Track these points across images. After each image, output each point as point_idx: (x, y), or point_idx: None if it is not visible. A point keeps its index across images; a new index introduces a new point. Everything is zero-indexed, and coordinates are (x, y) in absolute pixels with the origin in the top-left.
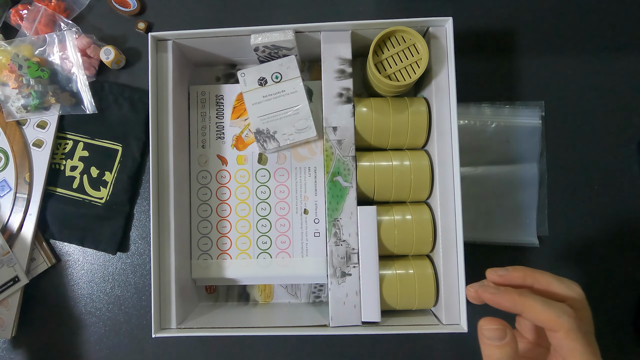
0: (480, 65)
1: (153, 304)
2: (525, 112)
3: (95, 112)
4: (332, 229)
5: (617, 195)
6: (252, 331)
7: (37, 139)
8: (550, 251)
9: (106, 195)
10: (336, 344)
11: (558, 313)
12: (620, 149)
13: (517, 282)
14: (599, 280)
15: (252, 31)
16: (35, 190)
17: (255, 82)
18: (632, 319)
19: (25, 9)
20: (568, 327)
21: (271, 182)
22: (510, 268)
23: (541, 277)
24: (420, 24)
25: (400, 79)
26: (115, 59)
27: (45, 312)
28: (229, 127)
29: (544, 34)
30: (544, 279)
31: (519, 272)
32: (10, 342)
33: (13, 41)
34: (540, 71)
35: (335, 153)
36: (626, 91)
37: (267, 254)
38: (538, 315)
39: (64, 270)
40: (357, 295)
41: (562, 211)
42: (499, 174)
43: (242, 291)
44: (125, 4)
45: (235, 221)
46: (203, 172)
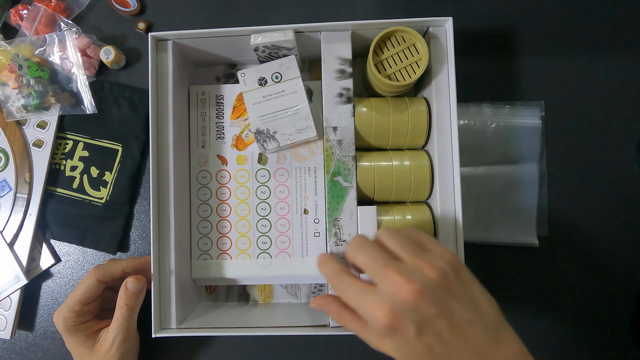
0: (480, 65)
1: (153, 304)
2: (525, 112)
3: (95, 112)
4: (332, 229)
5: (617, 195)
6: (252, 331)
7: (37, 139)
8: (550, 251)
9: (106, 195)
10: (336, 344)
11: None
12: (620, 149)
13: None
14: (598, 281)
15: (252, 31)
16: (35, 190)
17: (255, 82)
18: (631, 319)
19: (25, 9)
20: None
21: (271, 182)
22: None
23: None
24: (420, 24)
25: (400, 79)
26: (115, 59)
27: (45, 312)
28: (229, 127)
29: (544, 34)
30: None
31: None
32: (10, 342)
33: (13, 41)
34: (540, 71)
35: (335, 153)
36: (626, 91)
37: (267, 254)
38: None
39: (64, 270)
40: None
41: (562, 211)
42: (499, 174)
43: (242, 291)
44: (125, 4)
45: (235, 221)
46: (203, 172)
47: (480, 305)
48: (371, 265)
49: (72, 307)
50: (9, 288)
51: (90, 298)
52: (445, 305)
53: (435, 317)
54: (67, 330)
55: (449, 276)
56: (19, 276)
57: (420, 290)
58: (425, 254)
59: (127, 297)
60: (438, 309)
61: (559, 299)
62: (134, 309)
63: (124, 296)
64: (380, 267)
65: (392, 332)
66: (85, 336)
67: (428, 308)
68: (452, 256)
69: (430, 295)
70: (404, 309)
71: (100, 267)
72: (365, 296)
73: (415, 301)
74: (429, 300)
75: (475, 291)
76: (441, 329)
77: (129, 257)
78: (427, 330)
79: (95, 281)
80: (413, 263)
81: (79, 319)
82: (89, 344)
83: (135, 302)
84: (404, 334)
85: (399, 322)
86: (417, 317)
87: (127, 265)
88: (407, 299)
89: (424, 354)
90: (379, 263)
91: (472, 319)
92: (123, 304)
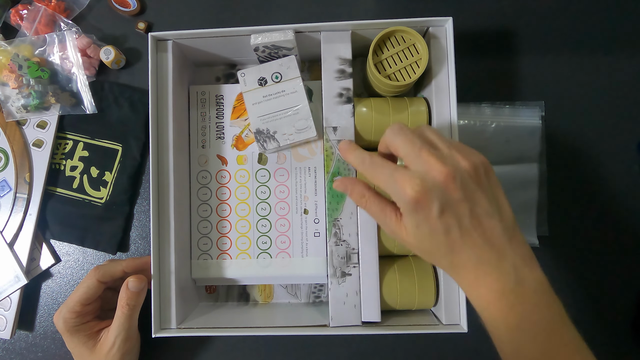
0: (480, 65)
1: (153, 304)
2: (525, 112)
3: (95, 112)
4: (332, 229)
5: (617, 195)
6: (252, 331)
7: (37, 139)
8: (550, 251)
9: (106, 195)
10: (336, 344)
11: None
12: (620, 149)
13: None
14: (598, 281)
15: (252, 31)
16: (35, 190)
17: (255, 82)
18: (631, 319)
19: (25, 9)
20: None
21: (271, 182)
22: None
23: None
24: (420, 24)
25: (400, 79)
26: (115, 59)
27: (45, 312)
28: (229, 127)
29: (544, 34)
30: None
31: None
32: (10, 342)
33: (13, 41)
34: (540, 71)
35: (335, 153)
36: (626, 91)
37: (267, 254)
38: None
39: (64, 270)
40: (357, 295)
41: (562, 211)
42: (499, 174)
43: (242, 291)
44: (125, 4)
45: (235, 221)
46: (203, 172)
47: (502, 205)
48: (408, 146)
49: (73, 308)
50: (9, 288)
51: (90, 299)
52: (472, 194)
53: (460, 201)
54: (67, 330)
55: (480, 171)
56: (19, 276)
57: (451, 174)
58: (461, 147)
59: (128, 297)
60: (464, 194)
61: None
62: (135, 308)
63: (125, 296)
64: (417, 149)
65: (417, 206)
66: (85, 336)
67: (455, 191)
68: (484, 158)
69: (460, 181)
70: (432, 186)
71: (100, 268)
72: (396, 173)
73: (445, 181)
74: (457, 184)
75: (499, 193)
76: (463, 213)
77: (129, 258)
78: (449, 211)
79: (96, 282)
80: (448, 152)
81: (80, 319)
82: (89, 344)
83: (137, 301)
84: (428, 210)
85: (425, 196)
86: (443, 197)
87: (127, 265)
88: (437, 177)
89: (440, 235)
90: (415, 145)
91: (492, 213)
92: (124, 303)
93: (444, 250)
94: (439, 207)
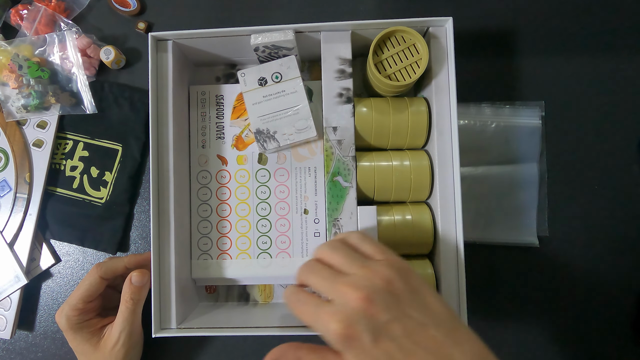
0: (480, 65)
1: (153, 304)
2: (525, 112)
3: (95, 112)
4: (332, 229)
5: (617, 195)
6: (252, 331)
7: (37, 139)
8: (550, 251)
9: (106, 195)
10: None
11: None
12: (620, 149)
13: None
14: (598, 281)
15: (252, 31)
16: (35, 190)
17: (255, 82)
18: (631, 320)
19: (25, 9)
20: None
21: (271, 182)
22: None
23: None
24: (420, 24)
25: (400, 79)
26: (115, 59)
27: (45, 312)
28: (229, 127)
29: (544, 34)
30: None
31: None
32: (10, 342)
33: (13, 41)
34: (540, 71)
35: (335, 153)
36: (626, 91)
37: (267, 254)
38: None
39: (64, 270)
40: None
41: (562, 211)
42: (499, 174)
43: (242, 291)
44: (125, 4)
45: (235, 221)
46: (203, 172)
47: (432, 308)
48: (322, 283)
49: (75, 305)
50: (9, 288)
51: (93, 295)
52: (397, 310)
53: (389, 322)
54: (70, 328)
55: (396, 281)
56: (19, 276)
57: (369, 296)
58: (370, 262)
59: (132, 291)
60: (390, 314)
61: (558, 299)
62: (139, 302)
63: (128, 290)
64: (329, 283)
65: (348, 341)
66: (89, 333)
67: (379, 313)
68: (397, 261)
69: (380, 301)
70: (356, 317)
71: (102, 264)
72: (319, 309)
73: (366, 307)
74: (379, 306)
75: (425, 294)
76: (397, 334)
77: (131, 254)
78: (382, 337)
79: (98, 278)
80: (360, 273)
81: (82, 316)
82: (93, 341)
83: (140, 295)
84: (360, 342)
85: (352, 329)
86: (370, 324)
87: (129, 261)
88: (357, 306)
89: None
90: (328, 280)
91: (426, 322)
92: (128, 298)
93: None
94: (370, 336)
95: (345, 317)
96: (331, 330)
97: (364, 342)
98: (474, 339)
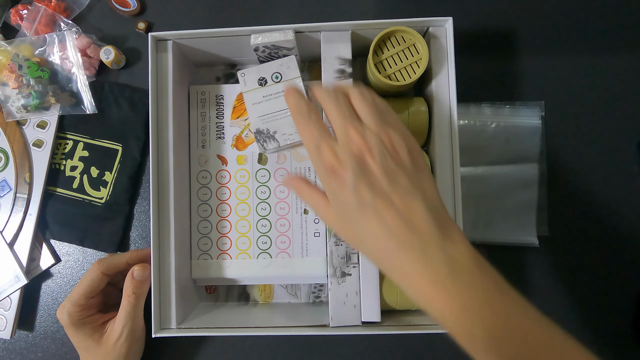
0: (480, 65)
1: (153, 304)
2: (525, 112)
3: (95, 112)
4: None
5: (617, 195)
6: (252, 331)
7: (37, 139)
8: (550, 251)
9: (106, 195)
10: (336, 344)
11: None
12: (620, 149)
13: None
14: (598, 281)
15: (252, 31)
16: (35, 190)
17: (255, 82)
18: (631, 319)
19: (25, 9)
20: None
21: (271, 182)
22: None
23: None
24: (420, 24)
25: (400, 79)
26: (115, 59)
27: (45, 312)
28: (229, 127)
29: (544, 34)
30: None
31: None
32: (10, 342)
33: (13, 41)
34: (540, 71)
35: None
36: (626, 91)
37: (267, 254)
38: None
39: (64, 270)
40: (357, 295)
41: (562, 211)
42: (499, 174)
43: (242, 291)
44: (125, 4)
45: (235, 221)
46: (203, 172)
47: (427, 188)
48: (337, 117)
49: (77, 301)
50: (9, 288)
51: (94, 291)
52: (391, 172)
53: (377, 175)
54: (72, 324)
55: (402, 151)
56: (19, 276)
57: (371, 149)
58: (389, 127)
59: (134, 286)
60: (382, 170)
61: (558, 299)
62: (141, 297)
63: (130, 285)
64: (344, 122)
65: (332, 174)
66: (91, 329)
67: (373, 165)
68: (413, 141)
69: (379, 157)
70: (350, 160)
71: (103, 260)
72: (323, 137)
73: (363, 155)
74: (376, 159)
75: (425, 177)
76: (379, 190)
77: (132, 250)
78: (364, 184)
79: (100, 274)
80: (375, 130)
81: (84, 312)
82: (95, 336)
83: (142, 290)
84: (342, 181)
85: (342, 168)
86: (359, 170)
87: (130, 257)
88: (356, 153)
89: (354, 211)
90: (345, 119)
91: (414, 193)
92: (130, 292)
93: (361, 232)
94: (353, 180)
95: (341, 154)
96: (323, 158)
97: (346, 182)
98: (454, 226)
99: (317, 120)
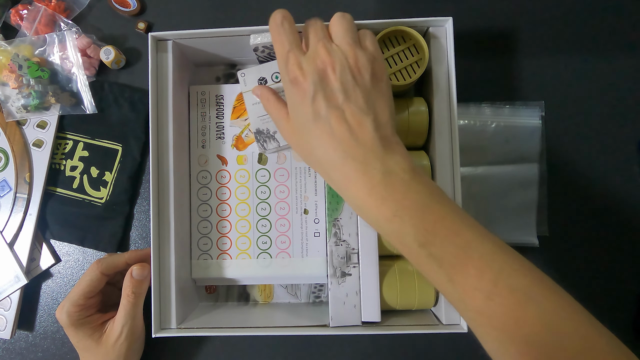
0: (480, 65)
1: (153, 304)
2: (525, 112)
3: (95, 112)
4: (332, 229)
5: (617, 195)
6: (252, 331)
7: (37, 139)
8: (550, 251)
9: (106, 195)
10: (336, 344)
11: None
12: (620, 149)
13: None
14: (598, 281)
15: (252, 31)
16: (35, 190)
17: (255, 82)
18: (632, 319)
19: (25, 9)
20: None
21: (271, 182)
22: None
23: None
24: (420, 24)
25: (400, 79)
26: (115, 59)
27: (45, 312)
28: (229, 127)
29: (544, 34)
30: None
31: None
32: (10, 342)
33: (13, 41)
34: (540, 71)
35: None
36: (626, 91)
37: (267, 254)
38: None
39: (64, 270)
40: (357, 295)
41: (562, 211)
42: (499, 174)
43: (242, 291)
44: (125, 4)
45: (235, 221)
46: (203, 172)
47: (380, 109)
48: (311, 36)
49: (76, 301)
50: (9, 288)
51: (93, 291)
52: (349, 89)
53: (335, 91)
54: (72, 324)
55: (365, 71)
56: (19, 276)
57: (333, 65)
58: (358, 48)
59: (133, 285)
60: (341, 86)
61: None
62: (140, 296)
63: (129, 284)
64: (316, 39)
65: (295, 85)
66: (91, 329)
67: (333, 81)
68: (381, 66)
69: (340, 73)
70: (313, 71)
71: (103, 260)
72: (292, 49)
73: (325, 70)
74: (337, 75)
75: (381, 99)
76: (334, 103)
77: (131, 250)
78: (321, 97)
79: (99, 274)
80: (343, 48)
81: (84, 312)
82: (95, 336)
83: (141, 289)
84: (303, 92)
85: (304, 80)
86: (320, 82)
87: (129, 257)
88: (321, 67)
89: (310, 123)
90: (318, 36)
91: (366, 111)
92: (130, 291)
93: (312, 142)
94: (312, 90)
95: (306, 67)
96: (289, 68)
97: (305, 94)
98: (400, 146)
99: (290, 28)
